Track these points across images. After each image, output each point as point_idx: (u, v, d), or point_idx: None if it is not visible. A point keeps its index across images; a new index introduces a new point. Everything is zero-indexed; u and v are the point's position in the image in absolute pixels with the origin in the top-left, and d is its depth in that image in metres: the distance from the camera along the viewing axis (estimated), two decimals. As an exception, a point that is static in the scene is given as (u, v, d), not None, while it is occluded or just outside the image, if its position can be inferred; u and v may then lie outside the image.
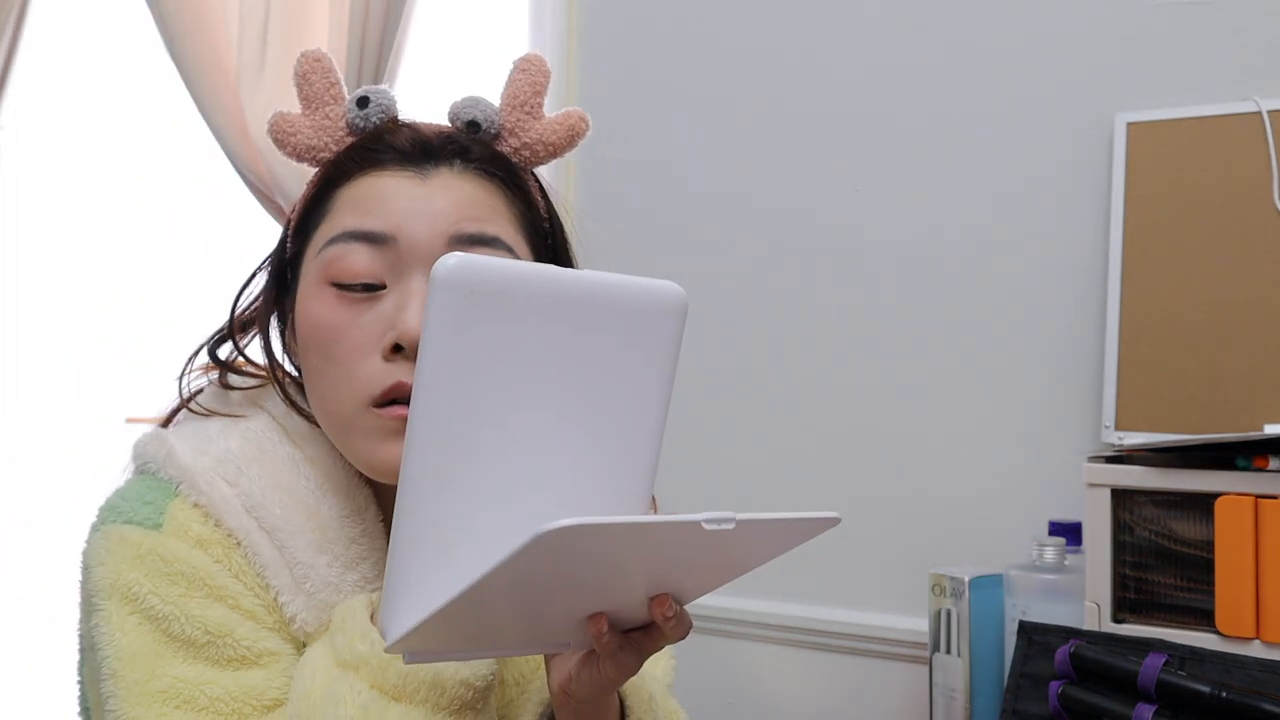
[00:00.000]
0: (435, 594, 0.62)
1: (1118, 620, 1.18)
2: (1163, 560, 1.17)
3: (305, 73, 0.90)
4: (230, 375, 0.93)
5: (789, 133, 1.72)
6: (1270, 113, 1.38)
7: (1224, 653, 1.07)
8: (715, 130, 1.78)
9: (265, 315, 0.93)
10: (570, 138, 0.94)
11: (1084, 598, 1.20)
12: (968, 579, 1.34)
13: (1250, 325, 1.35)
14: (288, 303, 0.91)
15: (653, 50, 1.84)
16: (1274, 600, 1.09)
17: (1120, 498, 1.18)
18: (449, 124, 0.92)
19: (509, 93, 0.92)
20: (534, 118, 0.92)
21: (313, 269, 0.86)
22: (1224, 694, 1.00)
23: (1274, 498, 1.09)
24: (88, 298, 2.59)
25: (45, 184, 2.63)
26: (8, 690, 2.50)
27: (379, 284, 0.83)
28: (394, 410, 0.81)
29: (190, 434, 0.88)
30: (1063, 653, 1.12)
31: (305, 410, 0.89)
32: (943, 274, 1.60)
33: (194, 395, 0.92)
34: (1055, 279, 1.52)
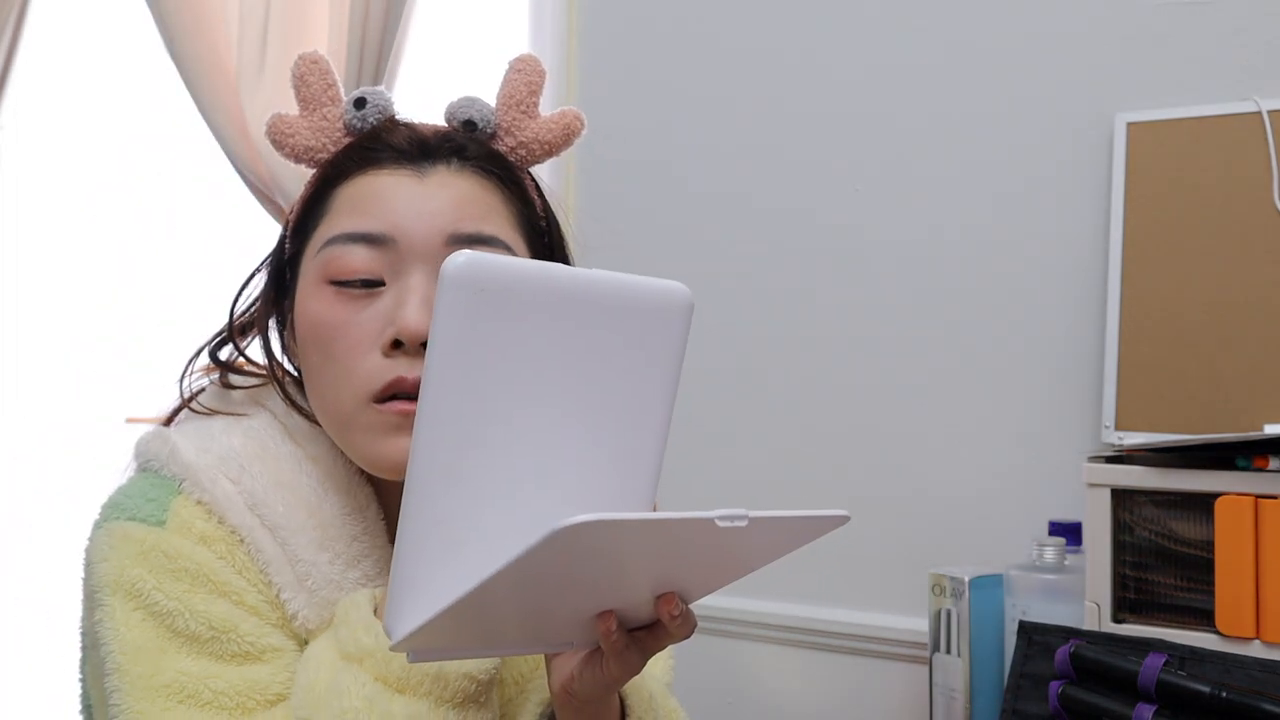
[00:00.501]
0: (441, 592, 0.62)
1: (1118, 620, 1.18)
2: (1163, 560, 1.17)
3: (303, 74, 0.91)
4: (231, 375, 0.93)
5: (789, 132, 1.72)
6: (1270, 113, 1.38)
7: (1224, 653, 1.07)
8: (715, 130, 1.78)
9: (265, 315, 0.93)
10: (566, 136, 0.94)
11: (1084, 598, 1.20)
12: (968, 579, 1.34)
13: (1250, 325, 1.35)
14: (286, 303, 0.91)
15: (653, 50, 1.84)
16: (1274, 600, 1.09)
17: (1120, 498, 1.18)
18: (445, 124, 0.92)
19: (505, 92, 0.93)
20: (530, 117, 0.93)
21: (311, 269, 0.86)
22: (1224, 694, 1.00)
23: (1274, 498, 1.09)
24: (88, 298, 2.59)
25: (45, 184, 2.63)
26: (8, 690, 2.50)
27: (378, 280, 0.83)
28: (395, 405, 0.81)
29: (193, 432, 0.89)
30: (1063, 653, 1.12)
31: (305, 409, 0.90)
32: (943, 274, 1.60)
33: (195, 395, 0.92)
34: (1055, 279, 1.52)
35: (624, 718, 0.86)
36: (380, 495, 0.89)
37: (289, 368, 0.94)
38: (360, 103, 0.90)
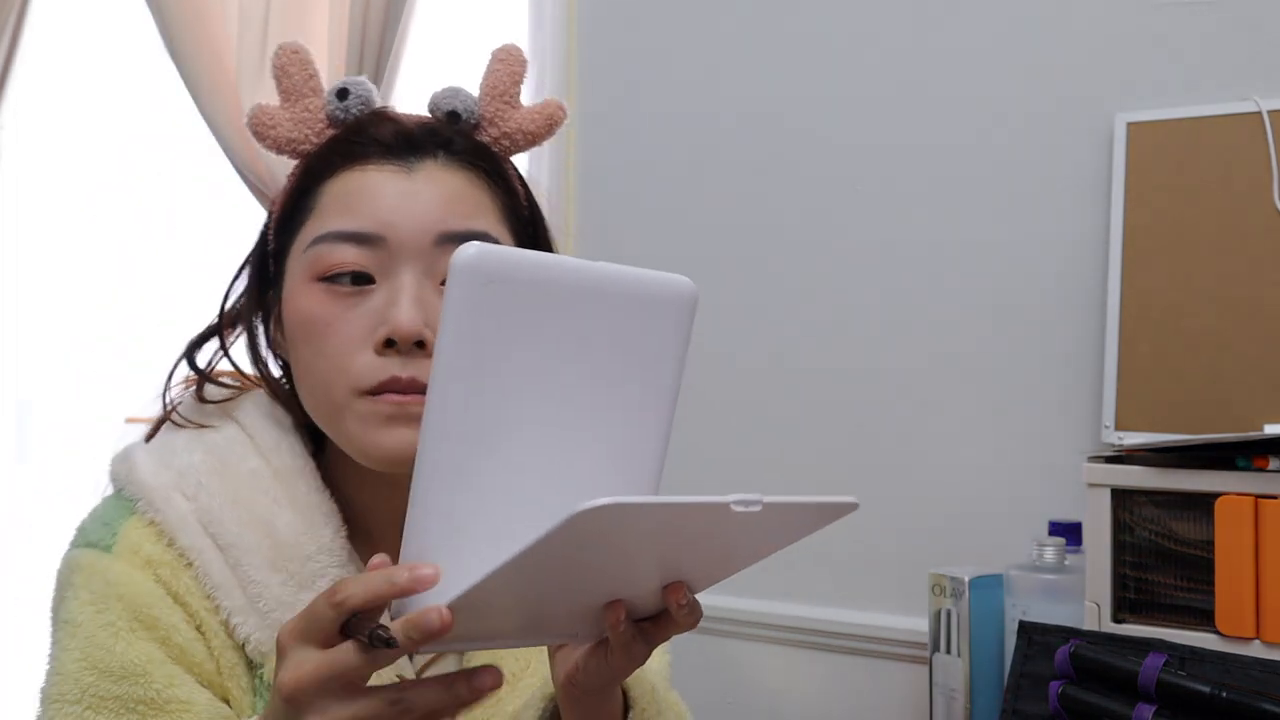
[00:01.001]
0: (447, 585, 0.62)
1: (1118, 620, 1.18)
2: (1163, 560, 1.17)
3: (283, 65, 0.91)
4: (206, 386, 0.93)
5: (789, 132, 1.72)
6: (1270, 113, 1.38)
7: (1224, 653, 1.07)
8: (715, 131, 1.78)
9: (250, 309, 0.93)
10: (549, 126, 0.94)
11: (1084, 598, 1.20)
12: (968, 579, 1.34)
13: (1250, 325, 1.35)
14: (271, 295, 0.91)
15: (653, 50, 1.84)
16: (1274, 600, 1.09)
17: (1120, 498, 1.18)
18: (429, 114, 0.92)
19: (488, 83, 0.93)
20: (513, 107, 0.93)
21: (299, 266, 0.86)
22: (1224, 694, 1.00)
23: (1274, 498, 1.09)
24: (88, 298, 2.59)
25: (45, 184, 2.63)
26: (8, 690, 2.50)
27: (368, 277, 0.83)
28: (388, 397, 0.81)
29: (156, 448, 0.89)
30: (1063, 653, 1.12)
31: (289, 403, 0.90)
32: (942, 274, 1.60)
33: (173, 409, 0.92)
34: (1055, 279, 1.52)
35: (627, 710, 0.86)
36: (346, 510, 0.88)
37: (273, 366, 0.94)
38: (343, 93, 0.90)
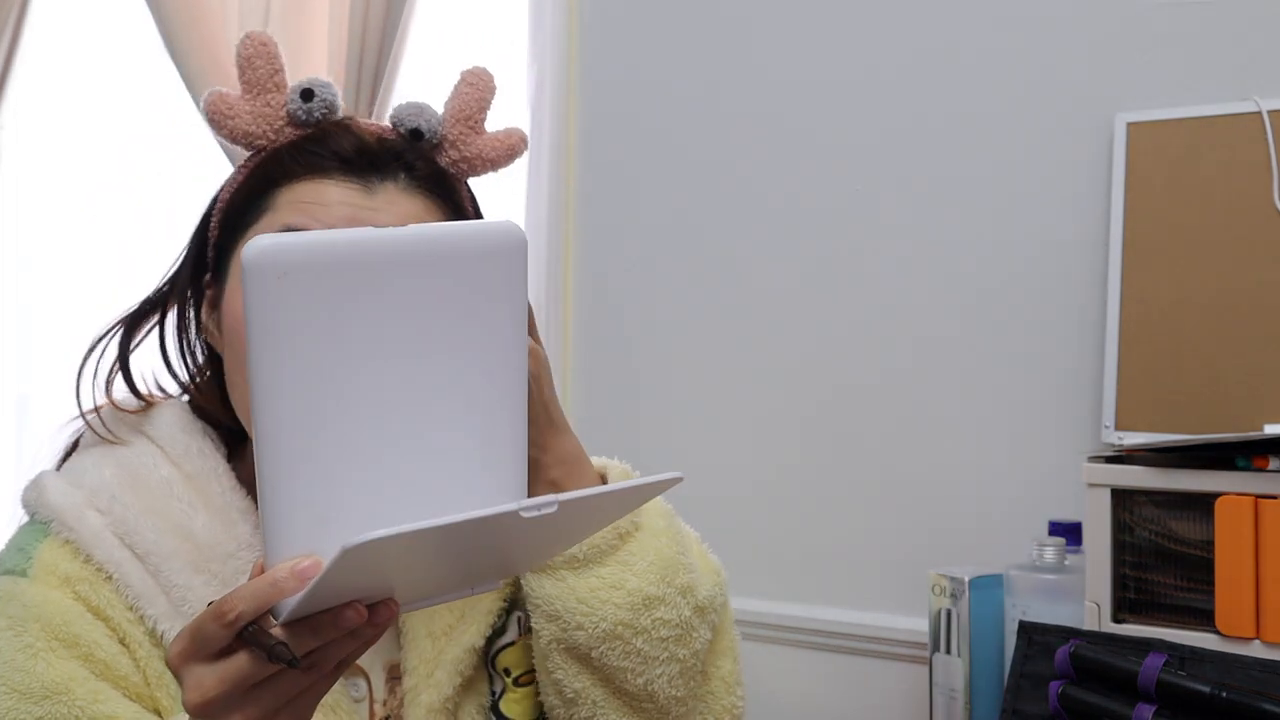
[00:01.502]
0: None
1: (1118, 620, 1.18)
2: (1163, 560, 1.17)
3: (250, 56, 0.89)
4: (123, 398, 0.93)
5: (789, 132, 1.72)
6: (1270, 113, 1.38)
7: (1224, 653, 1.07)
8: (715, 131, 1.78)
9: (182, 296, 0.93)
10: (509, 156, 0.94)
11: (1084, 598, 1.20)
12: (968, 579, 1.34)
13: (1250, 325, 1.35)
14: (207, 281, 0.91)
15: (653, 50, 1.84)
16: (1274, 600, 1.09)
17: (1120, 498, 1.18)
18: (391, 125, 0.91)
19: (455, 105, 0.92)
20: (477, 133, 0.92)
21: None
22: (1224, 694, 1.00)
23: (1274, 498, 1.09)
24: (88, 298, 2.58)
25: (45, 184, 2.63)
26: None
27: None
28: None
29: (66, 470, 0.90)
30: (1063, 653, 1.12)
31: (209, 400, 0.90)
32: (943, 274, 1.60)
33: (79, 437, 0.93)
34: (1055, 279, 1.52)
35: None
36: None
37: (200, 362, 0.94)
38: (307, 94, 0.89)
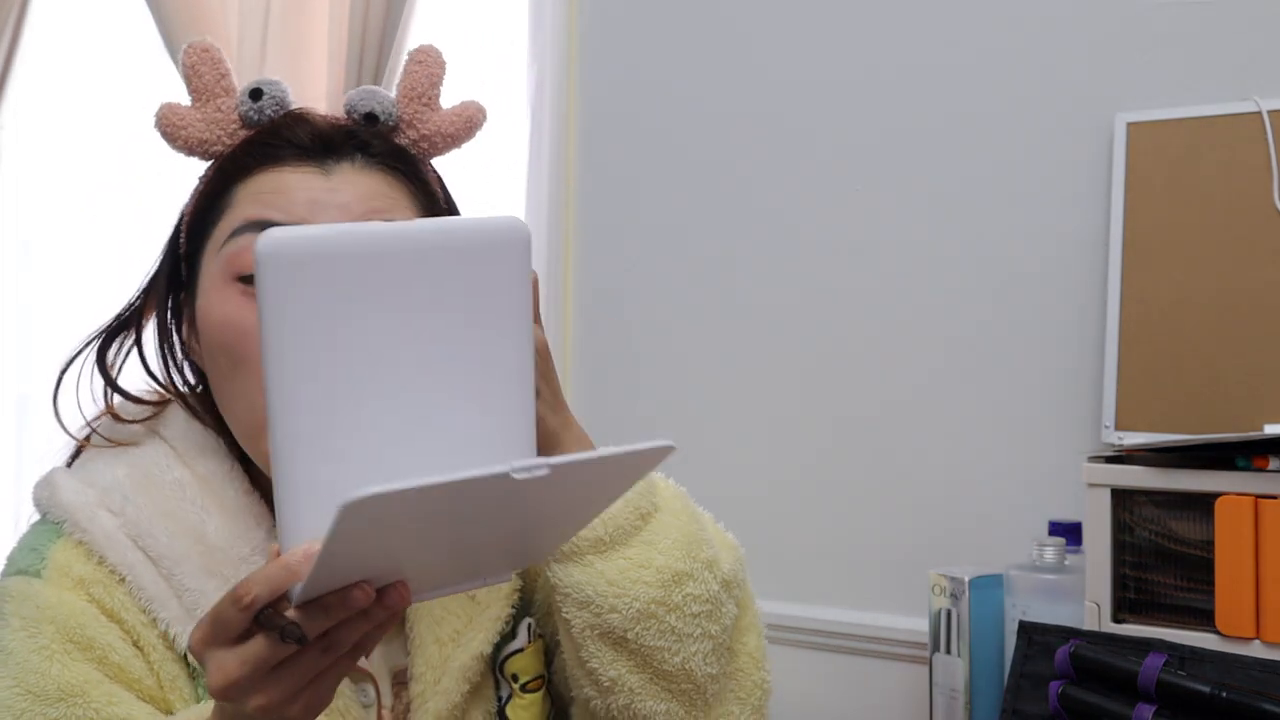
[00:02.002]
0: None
1: (1118, 620, 1.18)
2: (1163, 560, 1.17)
3: (193, 65, 0.88)
4: (122, 405, 0.92)
5: (789, 132, 1.72)
6: (1270, 113, 1.38)
7: (1224, 653, 1.07)
8: (716, 130, 1.78)
9: (162, 316, 0.92)
10: (469, 128, 0.93)
11: (1084, 598, 1.20)
12: (968, 579, 1.34)
13: (1250, 325, 1.35)
14: (184, 296, 0.90)
15: (653, 50, 1.84)
16: (1274, 600, 1.09)
17: (1120, 498, 1.18)
18: (346, 116, 0.90)
19: (405, 85, 0.91)
20: (431, 109, 0.92)
21: (215, 265, 0.85)
22: (1224, 694, 1.00)
23: (1274, 498, 1.09)
24: (88, 298, 2.59)
25: (45, 184, 2.63)
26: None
27: None
28: None
29: (78, 469, 0.89)
30: (1063, 653, 1.12)
31: (206, 419, 0.89)
32: (943, 274, 1.60)
33: (88, 437, 0.92)
34: (1055, 279, 1.52)
35: None
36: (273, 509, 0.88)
37: (189, 375, 0.93)
38: (256, 93, 0.88)
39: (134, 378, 0.95)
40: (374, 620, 0.65)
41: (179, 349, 0.93)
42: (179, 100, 0.89)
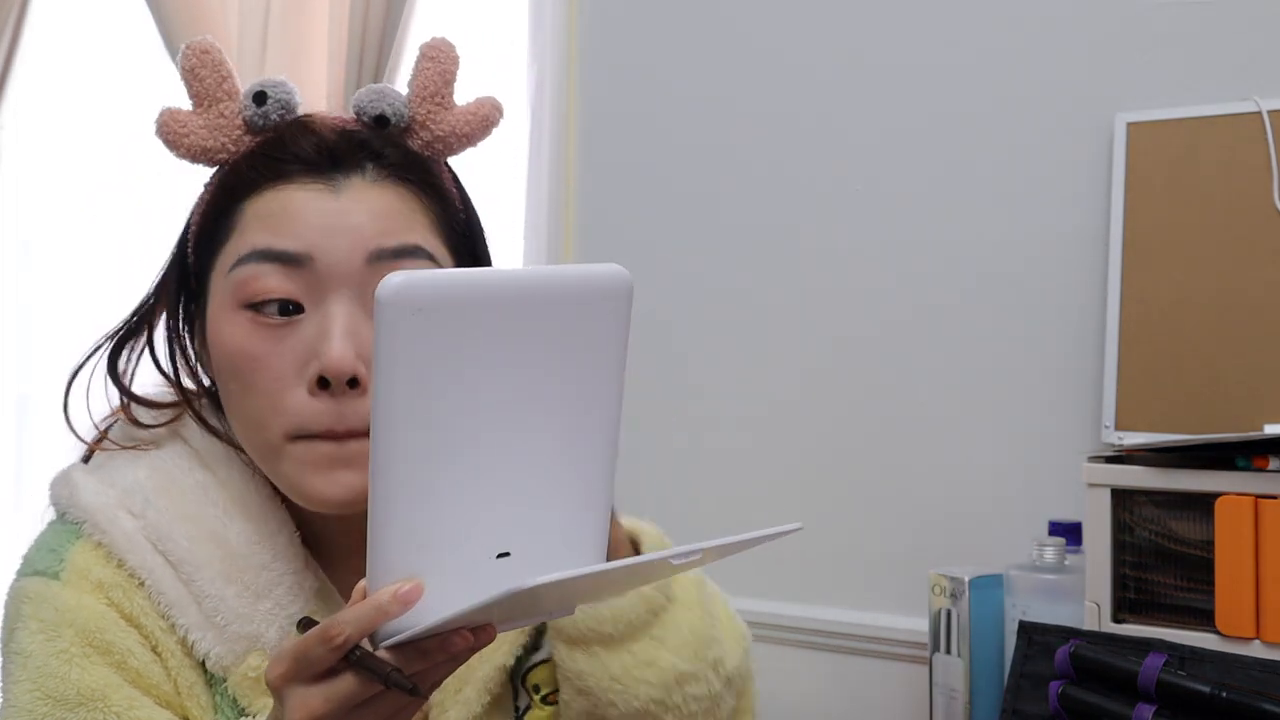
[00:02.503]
0: (425, 601, 0.64)
1: (1118, 620, 1.18)
2: (1163, 560, 1.17)
3: (193, 68, 0.85)
4: (139, 410, 0.91)
5: (789, 132, 1.72)
6: (1270, 113, 1.37)
7: (1224, 653, 1.07)
8: (716, 130, 1.78)
9: (176, 326, 0.91)
10: (484, 127, 0.89)
11: (1084, 598, 1.20)
12: (968, 579, 1.34)
13: (1250, 325, 1.35)
14: (194, 307, 0.89)
15: (653, 50, 1.84)
16: (1274, 600, 1.09)
17: (1120, 498, 1.18)
18: (353, 115, 0.88)
19: (418, 83, 0.88)
20: (445, 109, 0.88)
21: (224, 289, 0.83)
22: (1224, 694, 1.00)
23: (1274, 498, 1.09)
24: (88, 298, 2.59)
25: (45, 184, 2.63)
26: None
27: (296, 306, 0.81)
28: (325, 445, 0.80)
29: (98, 468, 0.88)
30: (1063, 653, 1.12)
31: (220, 431, 0.88)
32: (943, 274, 1.59)
33: (103, 435, 0.91)
34: (1055, 279, 1.52)
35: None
36: (296, 514, 0.87)
37: (203, 378, 0.92)
38: (260, 98, 0.84)
39: (142, 378, 0.94)
40: (458, 662, 0.66)
41: (190, 355, 0.92)
42: (179, 104, 0.86)
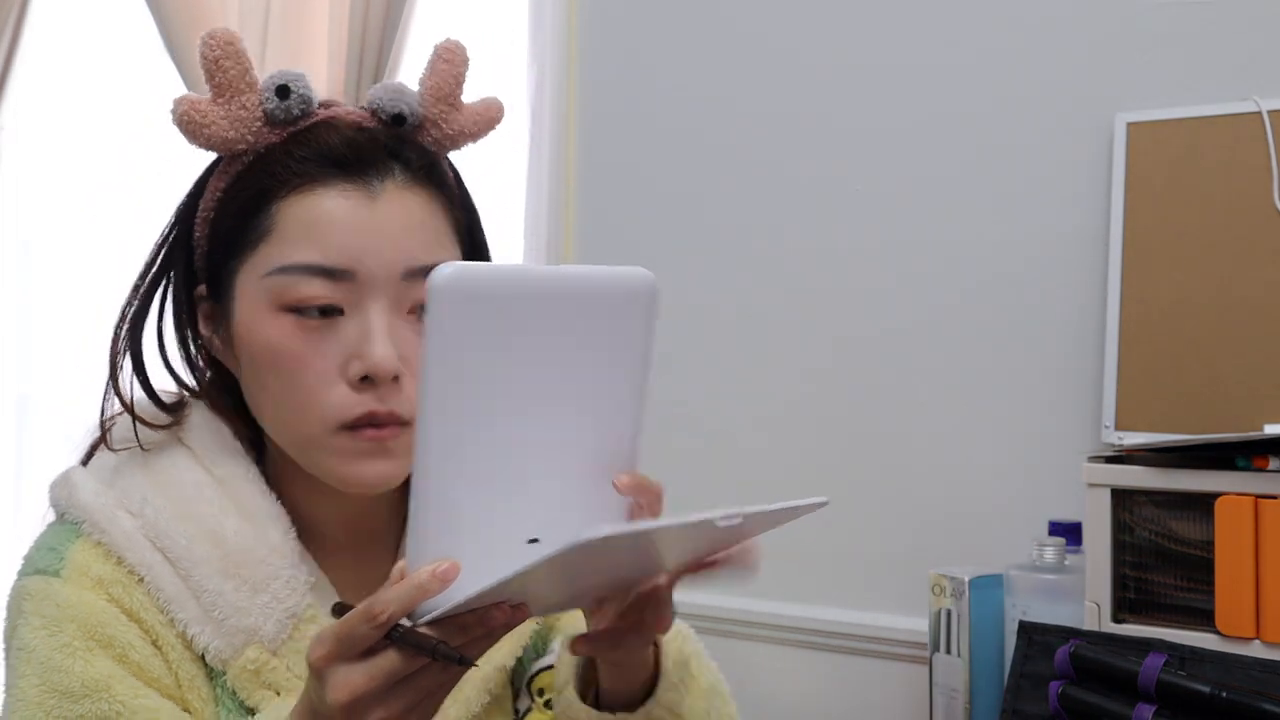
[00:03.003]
0: (462, 578, 0.66)
1: (1118, 620, 1.18)
2: (1163, 560, 1.17)
3: (216, 58, 0.85)
4: (146, 407, 0.91)
5: (789, 132, 1.72)
6: (1270, 113, 1.38)
7: (1224, 653, 1.07)
8: (716, 130, 1.78)
9: (179, 312, 0.92)
10: (489, 127, 0.94)
11: (1084, 598, 1.20)
12: (968, 579, 1.34)
13: (1250, 325, 1.35)
14: (199, 293, 0.90)
15: (653, 50, 1.84)
16: (1274, 600, 1.09)
17: (1120, 498, 1.18)
18: (370, 114, 0.89)
19: (432, 84, 0.91)
20: (456, 109, 0.92)
21: (257, 291, 0.84)
22: (1224, 694, 1.00)
23: (1274, 498, 1.09)
24: (88, 298, 2.59)
25: (45, 184, 2.63)
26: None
27: (337, 309, 0.83)
28: (367, 433, 0.83)
29: (96, 469, 0.90)
30: (1063, 653, 1.12)
31: (228, 412, 0.89)
32: (943, 274, 1.60)
33: (107, 432, 0.92)
34: (1055, 279, 1.52)
35: (656, 680, 0.86)
36: (290, 511, 0.88)
37: (205, 367, 0.93)
38: (284, 91, 0.85)
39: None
40: (495, 638, 0.68)
41: (191, 340, 0.93)
42: (191, 95, 0.86)
